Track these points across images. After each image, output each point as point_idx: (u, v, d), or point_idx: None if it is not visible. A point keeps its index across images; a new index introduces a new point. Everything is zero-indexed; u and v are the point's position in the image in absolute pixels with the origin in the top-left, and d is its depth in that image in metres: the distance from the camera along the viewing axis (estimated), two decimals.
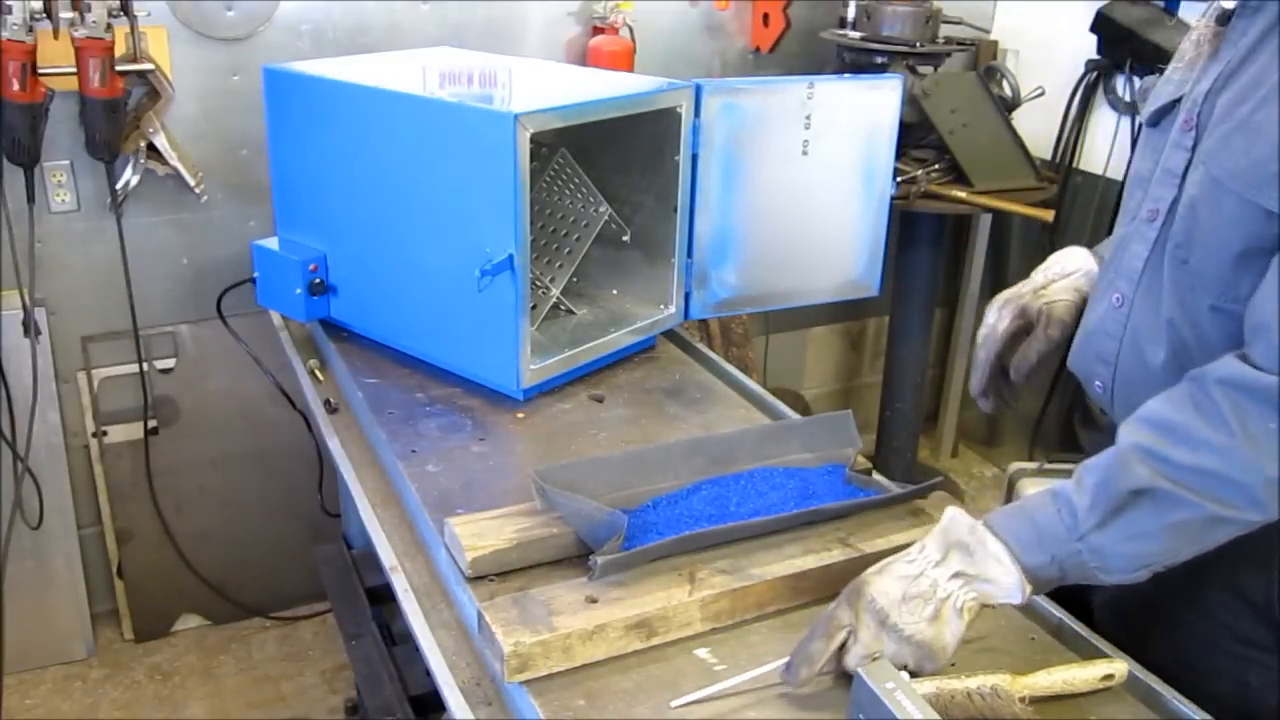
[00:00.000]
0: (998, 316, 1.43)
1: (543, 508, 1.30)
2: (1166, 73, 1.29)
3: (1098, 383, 1.31)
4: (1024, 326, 1.42)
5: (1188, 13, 2.77)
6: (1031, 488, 1.78)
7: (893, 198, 2.01)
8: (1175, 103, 1.22)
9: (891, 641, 1.09)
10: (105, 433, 2.62)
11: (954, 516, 1.13)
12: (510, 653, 1.08)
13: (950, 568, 1.10)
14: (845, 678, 1.08)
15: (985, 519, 1.12)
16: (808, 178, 1.90)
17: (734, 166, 1.84)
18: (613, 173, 1.92)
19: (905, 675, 0.99)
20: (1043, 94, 2.97)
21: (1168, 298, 1.19)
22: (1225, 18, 1.18)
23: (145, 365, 2.60)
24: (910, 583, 1.10)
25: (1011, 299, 1.43)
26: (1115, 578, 1.10)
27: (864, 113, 1.90)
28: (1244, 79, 1.13)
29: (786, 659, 1.11)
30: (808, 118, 1.85)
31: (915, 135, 2.89)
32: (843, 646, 1.10)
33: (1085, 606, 1.35)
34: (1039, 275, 1.45)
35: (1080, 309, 1.40)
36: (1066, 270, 1.44)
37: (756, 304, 2.01)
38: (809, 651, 1.11)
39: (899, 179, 2.74)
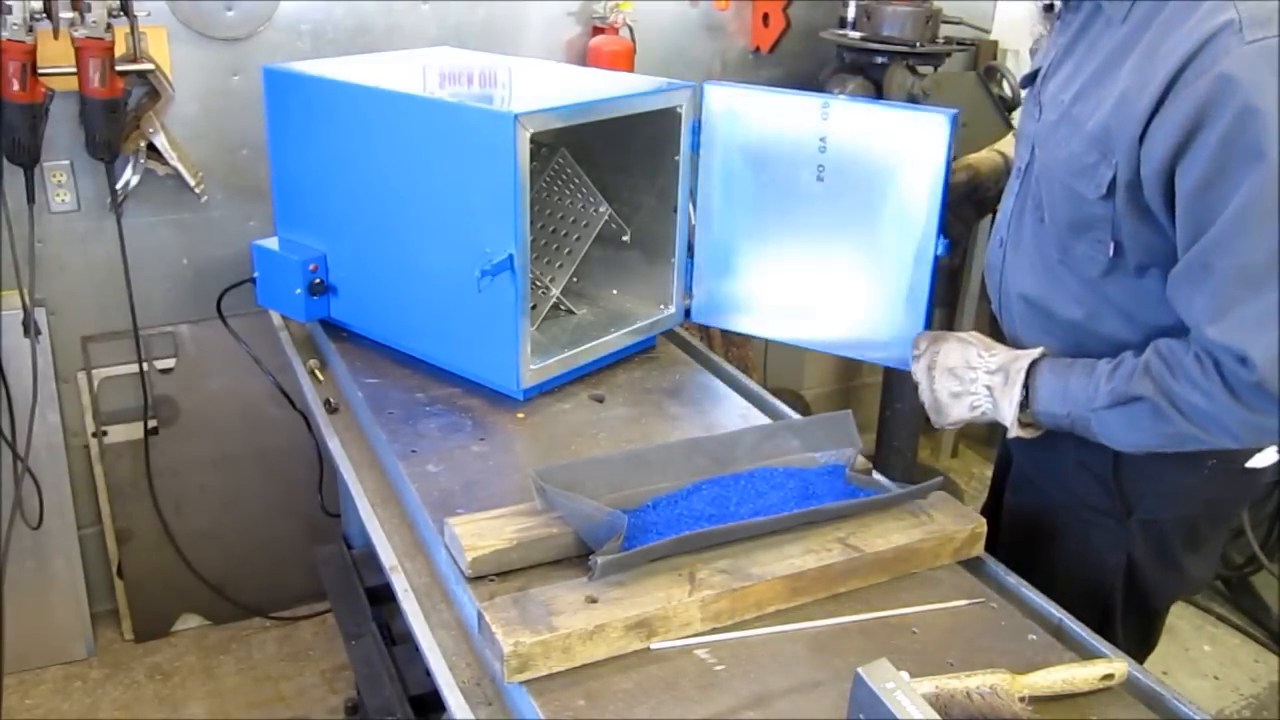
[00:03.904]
0: None
1: (543, 508, 1.30)
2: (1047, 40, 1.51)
3: (994, 306, 1.59)
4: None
5: None
6: None
7: (937, 257, 1.63)
8: (1036, 73, 1.46)
9: (925, 383, 1.47)
10: (105, 433, 2.62)
11: (1031, 354, 1.37)
12: (510, 653, 1.08)
13: (991, 380, 1.40)
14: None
15: (1040, 363, 1.37)
16: (826, 211, 1.72)
17: (735, 175, 1.78)
18: (613, 173, 1.92)
19: (905, 675, 0.99)
20: None
21: (1028, 246, 1.43)
22: (1050, 6, 1.45)
23: (145, 365, 2.60)
24: (964, 366, 1.42)
25: None
26: (1116, 446, 1.33)
27: (899, 148, 1.62)
28: (1065, 69, 1.34)
29: None
30: (822, 140, 1.69)
31: None
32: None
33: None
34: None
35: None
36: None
37: (759, 333, 1.89)
38: (913, 338, 1.51)
39: None
